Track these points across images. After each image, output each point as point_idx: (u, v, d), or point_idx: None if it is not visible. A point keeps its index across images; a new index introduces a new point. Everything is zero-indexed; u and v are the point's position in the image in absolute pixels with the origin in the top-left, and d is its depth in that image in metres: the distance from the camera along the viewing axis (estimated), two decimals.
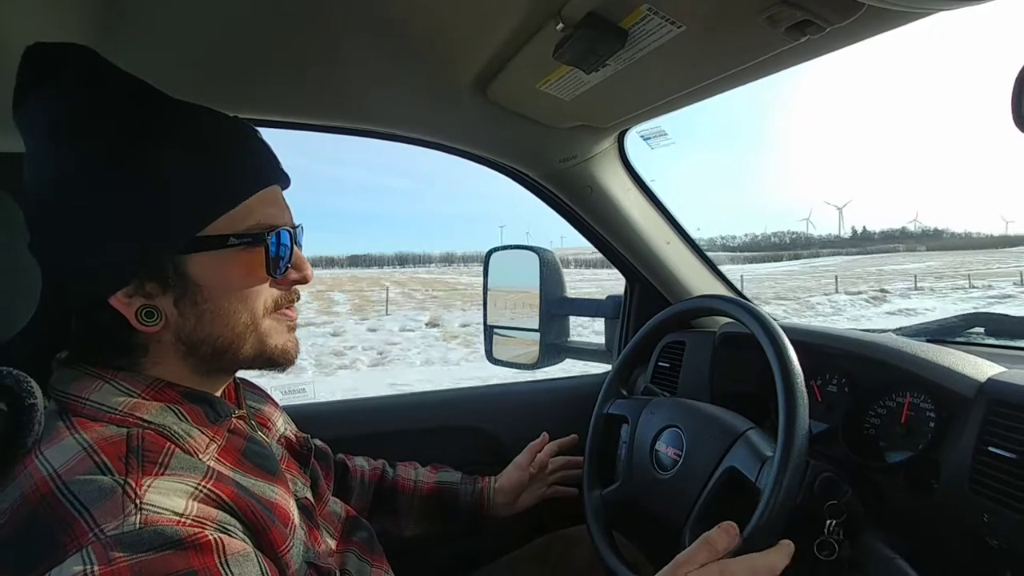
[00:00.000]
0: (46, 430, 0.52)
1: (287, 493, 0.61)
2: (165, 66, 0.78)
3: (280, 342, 0.63)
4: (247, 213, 0.58)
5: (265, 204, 0.59)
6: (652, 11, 0.62)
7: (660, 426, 0.87)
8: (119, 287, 0.55)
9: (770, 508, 0.64)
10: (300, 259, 0.63)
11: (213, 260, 0.57)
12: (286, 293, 0.64)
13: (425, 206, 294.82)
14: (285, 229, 0.60)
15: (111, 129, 0.54)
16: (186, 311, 0.57)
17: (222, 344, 0.59)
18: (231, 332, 0.59)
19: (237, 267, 0.58)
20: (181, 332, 0.57)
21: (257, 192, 0.59)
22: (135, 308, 0.55)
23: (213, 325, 0.58)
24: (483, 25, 0.73)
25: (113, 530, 0.43)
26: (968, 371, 0.74)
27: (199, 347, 0.58)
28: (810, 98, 63.54)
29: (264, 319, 0.61)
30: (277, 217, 0.60)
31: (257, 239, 0.58)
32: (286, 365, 0.64)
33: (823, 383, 0.94)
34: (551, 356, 1.39)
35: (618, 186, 1.16)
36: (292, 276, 0.63)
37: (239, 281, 0.58)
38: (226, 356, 0.59)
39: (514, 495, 1.01)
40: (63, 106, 0.54)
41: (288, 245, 0.61)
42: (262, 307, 0.60)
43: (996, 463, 0.66)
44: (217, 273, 0.57)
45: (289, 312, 0.64)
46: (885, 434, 0.83)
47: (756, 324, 0.75)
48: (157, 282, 0.56)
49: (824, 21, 0.58)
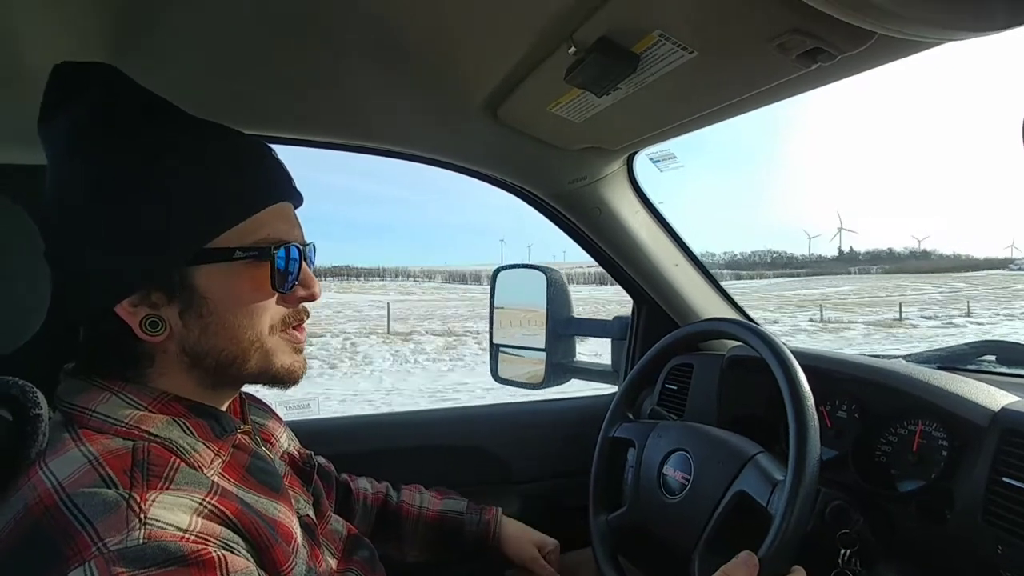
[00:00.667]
0: (51, 441, 0.52)
1: (290, 511, 0.60)
2: (178, 84, 0.79)
3: (287, 362, 0.62)
4: (256, 228, 0.58)
5: (275, 220, 0.60)
6: (664, 37, 0.63)
7: (668, 450, 0.86)
8: (124, 296, 0.55)
9: (783, 533, 0.63)
10: (308, 276, 0.63)
11: (219, 273, 0.57)
12: (294, 312, 0.63)
13: (427, 217, 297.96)
14: (294, 245, 0.60)
15: (123, 142, 0.55)
16: (191, 322, 0.57)
17: (227, 358, 0.58)
18: (236, 346, 0.58)
19: (242, 281, 0.58)
20: (186, 343, 0.57)
21: (266, 207, 0.59)
22: (140, 318, 0.56)
23: (218, 338, 0.58)
24: (495, 48, 0.74)
25: (116, 544, 0.43)
26: (981, 400, 0.74)
27: (203, 359, 0.58)
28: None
29: (270, 336, 0.61)
30: (287, 233, 0.60)
31: (263, 253, 0.58)
32: (290, 384, 0.64)
33: (832, 409, 0.93)
34: (557, 376, 1.38)
35: (627, 208, 1.17)
36: (299, 293, 0.63)
37: (244, 295, 0.58)
38: (231, 370, 0.59)
39: (515, 546, 0.97)
40: (81, 121, 0.55)
41: (297, 261, 0.61)
42: (267, 323, 0.60)
43: (1010, 494, 0.65)
44: (223, 286, 0.57)
45: (297, 333, 0.64)
46: (896, 462, 0.82)
47: (766, 348, 0.75)
48: (163, 292, 0.56)
49: (836, 49, 0.59)
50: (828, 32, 0.57)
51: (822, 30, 0.57)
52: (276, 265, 0.58)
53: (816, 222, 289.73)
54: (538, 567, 0.94)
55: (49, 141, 0.57)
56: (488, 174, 1.15)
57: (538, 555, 0.95)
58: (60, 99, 0.56)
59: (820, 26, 0.56)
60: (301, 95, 0.90)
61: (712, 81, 0.73)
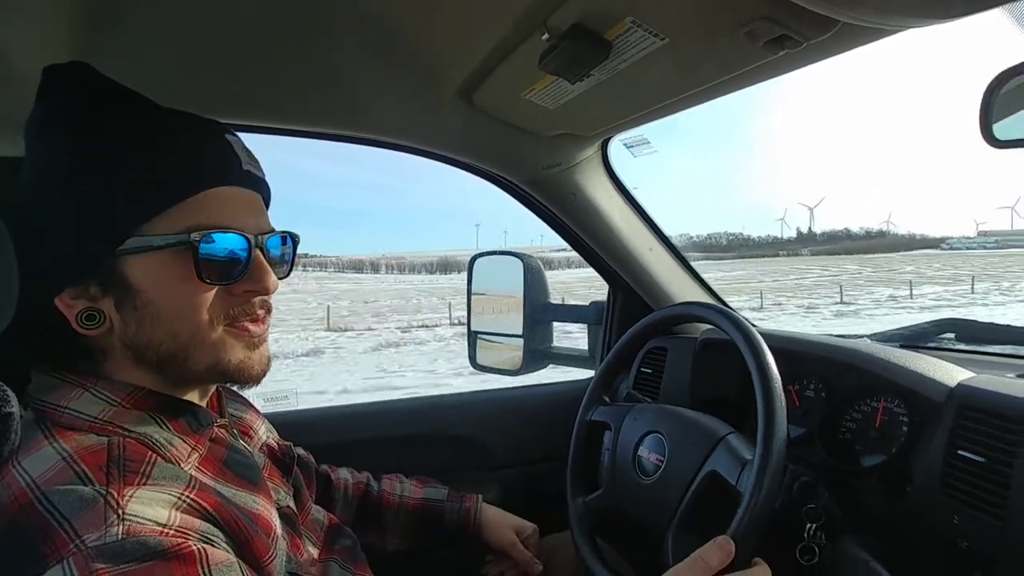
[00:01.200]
0: (24, 440, 0.51)
1: (269, 503, 0.60)
2: (151, 71, 0.78)
3: (237, 358, 0.58)
4: (187, 214, 0.54)
5: (214, 206, 0.56)
6: (636, 24, 0.63)
7: (642, 432, 0.87)
8: (61, 288, 0.54)
9: (751, 510, 0.65)
10: (260, 268, 0.58)
11: (148, 263, 0.54)
12: (245, 306, 0.59)
13: (406, 202, 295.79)
14: (233, 233, 0.56)
15: (61, 128, 0.55)
16: (127, 316, 0.55)
17: (166, 352, 0.56)
18: (174, 341, 0.55)
19: (171, 272, 0.54)
20: (125, 337, 0.56)
21: (198, 192, 0.55)
22: (77, 311, 0.55)
23: (154, 331, 0.55)
24: (470, 34, 0.74)
25: (95, 541, 0.42)
26: (939, 376, 0.77)
27: (144, 353, 0.56)
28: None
29: (213, 330, 0.57)
30: (227, 220, 0.56)
31: (184, 242, 0.54)
32: (247, 383, 0.60)
33: (800, 388, 0.96)
34: (534, 362, 1.39)
35: (601, 193, 1.18)
36: (244, 286, 0.58)
37: (175, 287, 0.55)
38: (173, 366, 0.56)
39: (496, 531, 0.98)
40: (39, 117, 0.56)
41: (239, 252, 0.56)
42: (206, 316, 0.56)
43: (966, 466, 0.68)
44: (153, 277, 0.54)
45: (250, 326, 0.59)
46: (860, 438, 0.85)
47: (736, 331, 0.77)
48: (99, 285, 0.55)
49: (801, 36, 0.60)
50: (794, 20, 0.58)
51: (788, 18, 0.58)
52: (201, 254, 0.54)
53: (778, 203, 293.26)
54: (517, 552, 0.96)
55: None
56: (463, 161, 1.15)
57: (517, 540, 0.96)
58: (37, 98, 0.56)
59: (786, 14, 0.58)
60: (276, 84, 0.88)
61: (683, 67, 0.73)
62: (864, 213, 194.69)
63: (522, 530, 0.98)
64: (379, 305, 27.41)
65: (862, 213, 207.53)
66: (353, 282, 40.69)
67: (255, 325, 0.60)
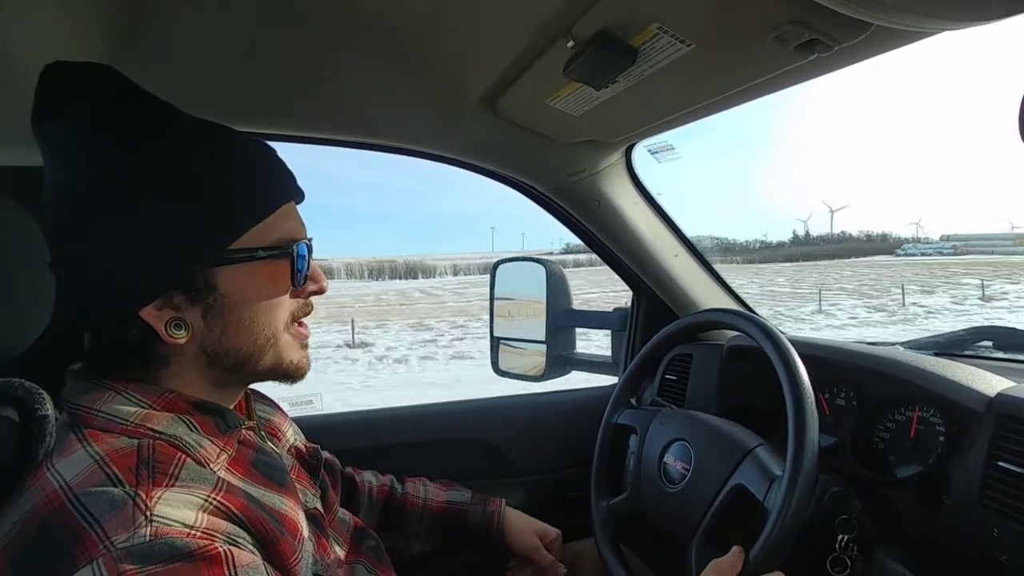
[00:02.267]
0: (58, 442, 0.52)
1: (296, 504, 0.61)
2: (176, 83, 0.80)
3: (296, 357, 0.64)
4: (271, 227, 0.60)
5: (286, 219, 0.62)
6: (662, 30, 0.63)
7: (669, 438, 0.87)
8: (150, 300, 0.55)
9: (777, 529, 0.64)
10: (316, 270, 0.66)
11: (241, 272, 0.58)
12: (303, 306, 0.66)
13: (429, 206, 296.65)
14: (305, 242, 0.62)
15: (137, 147, 0.55)
16: (213, 323, 0.58)
17: (244, 355, 0.60)
18: (253, 343, 0.60)
19: (263, 279, 0.60)
20: (206, 344, 0.58)
21: (280, 207, 0.61)
22: (164, 320, 0.56)
23: (238, 337, 0.59)
24: (494, 42, 0.74)
25: (124, 542, 0.43)
26: (978, 385, 0.74)
27: (222, 358, 0.59)
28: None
29: (283, 332, 0.62)
30: (298, 231, 0.63)
31: (284, 251, 0.60)
32: (298, 379, 0.66)
33: (831, 396, 0.94)
34: (557, 368, 1.39)
35: (626, 199, 1.17)
36: (310, 287, 0.65)
37: (264, 292, 0.60)
38: (246, 367, 0.61)
39: (520, 536, 0.98)
40: (91, 125, 0.55)
41: (306, 257, 0.63)
42: (283, 319, 0.62)
43: (1006, 478, 0.66)
44: (244, 285, 0.58)
45: (302, 330, 0.66)
46: (894, 448, 0.83)
47: (765, 338, 0.75)
48: (186, 295, 0.56)
49: (833, 40, 0.59)
50: (826, 23, 0.57)
51: (820, 21, 0.57)
52: (295, 262, 0.61)
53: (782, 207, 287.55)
54: (540, 556, 0.95)
55: (47, 141, 0.56)
56: (487, 168, 1.15)
57: (540, 545, 0.96)
58: (58, 99, 0.55)
59: (818, 17, 0.57)
60: (299, 93, 0.90)
61: (710, 73, 0.73)
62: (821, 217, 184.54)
63: (545, 534, 0.98)
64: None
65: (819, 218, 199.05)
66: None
67: (304, 328, 0.67)
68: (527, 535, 0.97)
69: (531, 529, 0.98)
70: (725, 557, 0.66)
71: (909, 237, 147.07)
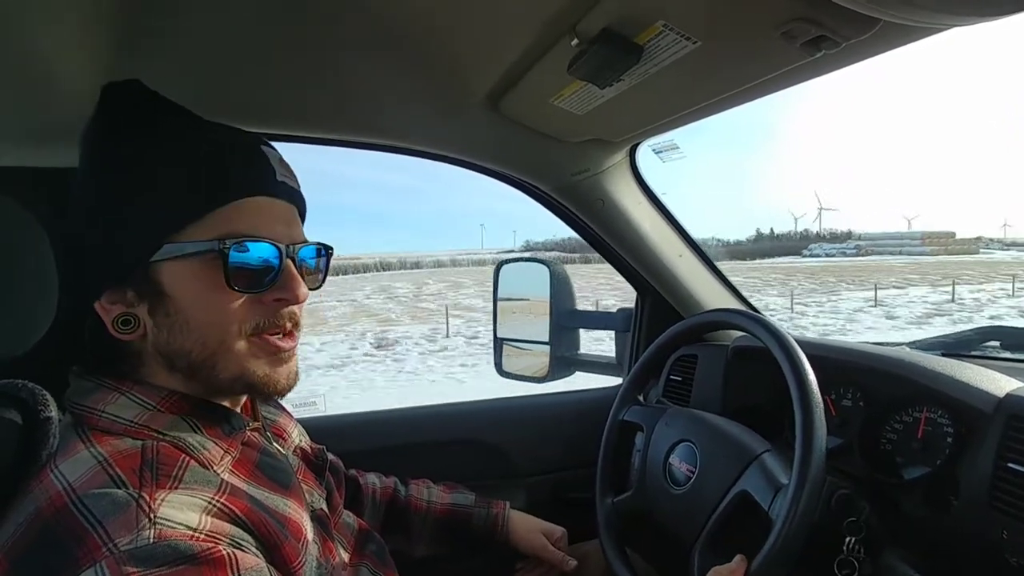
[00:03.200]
0: (61, 443, 0.52)
1: (300, 507, 0.61)
2: (175, 82, 0.79)
3: (262, 372, 0.58)
4: (220, 223, 0.55)
5: (247, 215, 0.56)
6: (667, 27, 0.62)
7: (675, 439, 0.86)
8: (101, 292, 0.56)
9: (782, 539, 0.64)
10: (291, 277, 0.58)
11: (181, 269, 0.55)
12: (271, 316, 0.58)
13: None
14: (264, 242, 0.56)
15: (101, 140, 0.57)
16: (160, 322, 0.56)
17: (196, 360, 0.56)
18: (203, 349, 0.56)
19: (199, 279, 0.55)
20: (158, 343, 0.57)
21: (233, 202, 0.56)
22: (113, 315, 0.56)
23: (185, 338, 0.56)
24: (497, 41, 0.73)
25: (127, 545, 0.43)
26: (986, 386, 0.74)
27: (176, 361, 0.57)
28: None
29: (238, 340, 0.57)
30: (260, 229, 0.56)
31: (213, 249, 0.54)
32: (273, 395, 0.60)
33: (837, 397, 0.93)
34: (561, 369, 1.38)
35: (630, 199, 1.17)
36: (273, 295, 0.58)
37: (203, 294, 0.55)
38: (202, 374, 0.57)
39: (524, 538, 0.98)
40: (94, 130, 0.58)
41: (271, 260, 0.57)
42: (236, 326, 0.56)
43: (1016, 479, 0.65)
44: (184, 284, 0.55)
45: (274, 340, 0.59)
46: (902, 449, 0.82)
47: (772, 339, 0.75)
48: (135, 290, 0.56)
49: (841, 37, 0.59)
50: (833, 19, 0.57)
51: (827, 17, 0.56)
52: (231, 262, 0.55)
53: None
54: (548, 554, 0.95)
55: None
56: (490, 168, 1.15)
57: (547, 543, 0.96)
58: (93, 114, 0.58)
59: (825, 13, 0.56)
60: (302, 92, 0.90)
61: (716, 71, 0.72)
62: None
63: (550, 533, 0.97)
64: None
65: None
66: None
67: (284, 341, 0.60)
68: (533, 535, 0.96)
69: (536, 528, 0.97)
70: (727, 565, 0.66)
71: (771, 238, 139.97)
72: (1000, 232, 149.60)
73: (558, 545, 0.97)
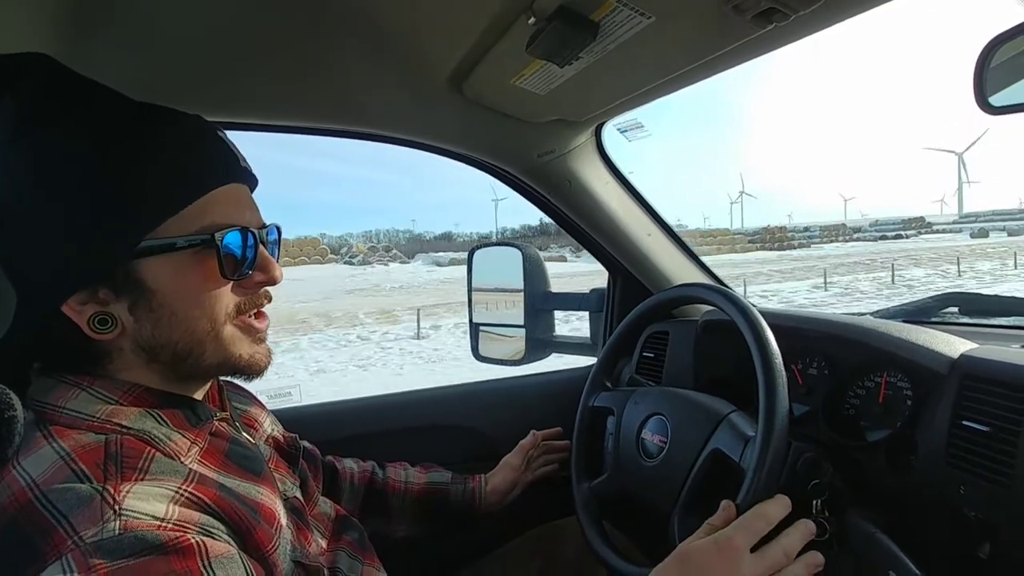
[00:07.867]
0: (24, 440, 0.51)
1: (273, 493, 0.61)
2: (142, 71, 0.78)
3: (246, 352, 0.60)
4: (200, 214, 0.56)
5: (222, 204, 0.57)
6: (621, 2, 0.63)
7: (645, 414, 0.87)
8: (69, 294, 0.54)
9: (755, 485, 0.65)
10: (266, 260, 0.61)
11: (165, 264, 0.55)
12: (252, 298, 0.61)
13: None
14: (244, 229, 0.58)
15: (59, 133, 0.53)
16: (142, 317, 0.55)
17: (182, 350, 0.57)
18: (190, 338, 0.57)
19: (191, 271, 0.56)
20: (139, 339, 0.56)
21: (209, 192, 0.56)
22: (87, 316, 0.54)
23: (171, 331, 0.56)
24: (456, 21, 0.73)
25: (92, 537, 0.43)
26: (941, 348, 0.76)
27: (159, 353, 0.57)
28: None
29: (225, 325, 0.59)
30: (235, 216, 0.58)
31: (208, 241, 0.55)
32: (255, 375, 0.62)
33: (804, 366, 0.96)
34: (537, 351, 1.39)
35: (597, 179, 1.17)
36: (256, 278, 0.61)
37: (194, 285, 0.56)
38: (187, 362, 0.58)
39: (506, 495, 1.03)
40: (18, 113, 0.54)
41: (251, 246, 0.58)
42: (223, 312, 0.58)
43: (971, 436, 0.67)
44: (170, 277, 0.55)
45: (255, 322, 0.62)
46: (865, 413, 0.85)
47: (734, 309, 0.76)
48: (110, 289, 0.54)
49: (789, 8, 0.59)
50: None
51: None
52: (223, 252, 0.56)
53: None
54: (527, 444, 1.09)
55: None
56: (457, 152, 1.14)
57: (522, 458, 1.07)
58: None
59: None
60: (264, 79, 0.88)
61: (671, 46, 0.73)
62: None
63: (526, 446, 1.09)
64: None
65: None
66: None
67: (259, 321, 0.62)
68: (512, 462, 1.08)
69: (511, 461, 1.08)
70: (717, 513, 0.66)
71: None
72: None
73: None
